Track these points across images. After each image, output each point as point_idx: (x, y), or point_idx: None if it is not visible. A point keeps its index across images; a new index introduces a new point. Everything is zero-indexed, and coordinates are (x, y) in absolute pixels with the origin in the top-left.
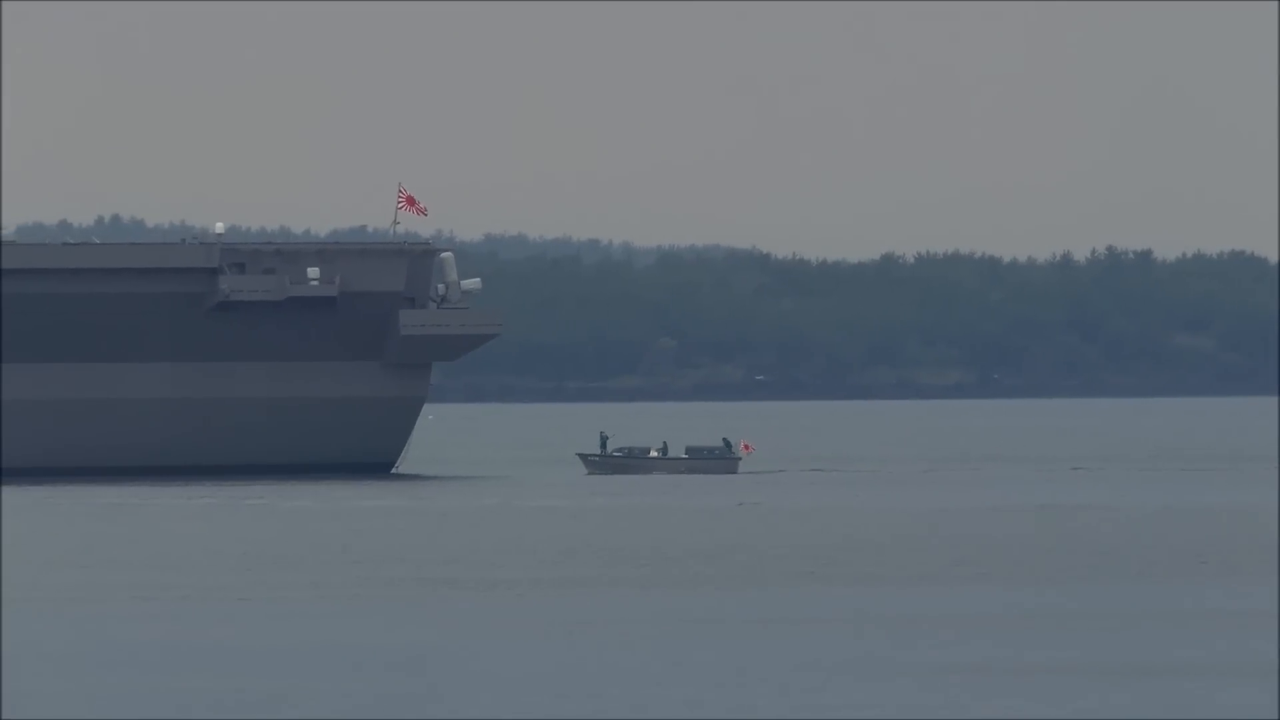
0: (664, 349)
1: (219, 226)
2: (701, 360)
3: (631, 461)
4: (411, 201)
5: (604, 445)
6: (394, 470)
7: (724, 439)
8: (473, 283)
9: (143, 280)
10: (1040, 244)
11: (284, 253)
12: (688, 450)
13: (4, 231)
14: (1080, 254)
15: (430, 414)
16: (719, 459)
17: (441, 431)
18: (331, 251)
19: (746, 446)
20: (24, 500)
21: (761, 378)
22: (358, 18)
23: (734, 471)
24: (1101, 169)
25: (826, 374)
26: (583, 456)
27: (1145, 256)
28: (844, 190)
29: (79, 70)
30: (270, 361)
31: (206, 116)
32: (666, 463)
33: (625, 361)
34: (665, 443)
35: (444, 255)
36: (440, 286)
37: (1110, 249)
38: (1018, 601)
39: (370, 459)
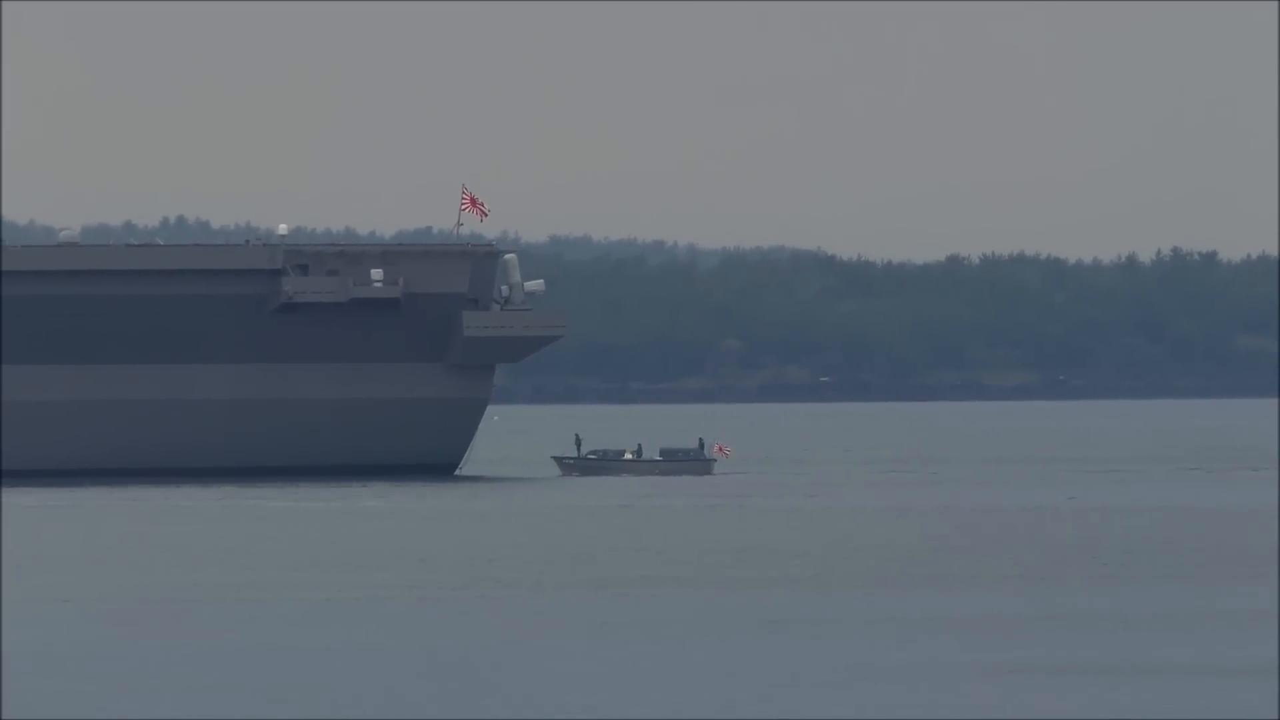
0: (728, 350)
1: (282, 228)
2: (766, 361)
3: (605, 463)
4: (474, 203)
5: (579, 447)
6: (457, 471)
7: (699, 440)
8: (536, 284)
9: (206, 282)
10: (1105, 245)
11: (347, 254)
12: (662, 452)
13: (69, 232)
14: (1145, 255)
15: (495, 415)
16: (693, 460)
17: (506, 433)
18: (395, 253)
19: (720, 448)
20: (97, 501)
21: (826, 379)
22: (428, 18)
23: (709, 473)
24: (1166, 170)
25: (891, 375)
26: (557, 459)
27: (1210, 258)
28: (909, 191)
29: (146, 71)
30: (333, 363)
31: (273, 118)
32: (640, 465)
33: (690, 363)
34: (640, 444)
35: (507, 257)
36: (504, 288)
37: (1175, 250)
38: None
39: (434, 460)
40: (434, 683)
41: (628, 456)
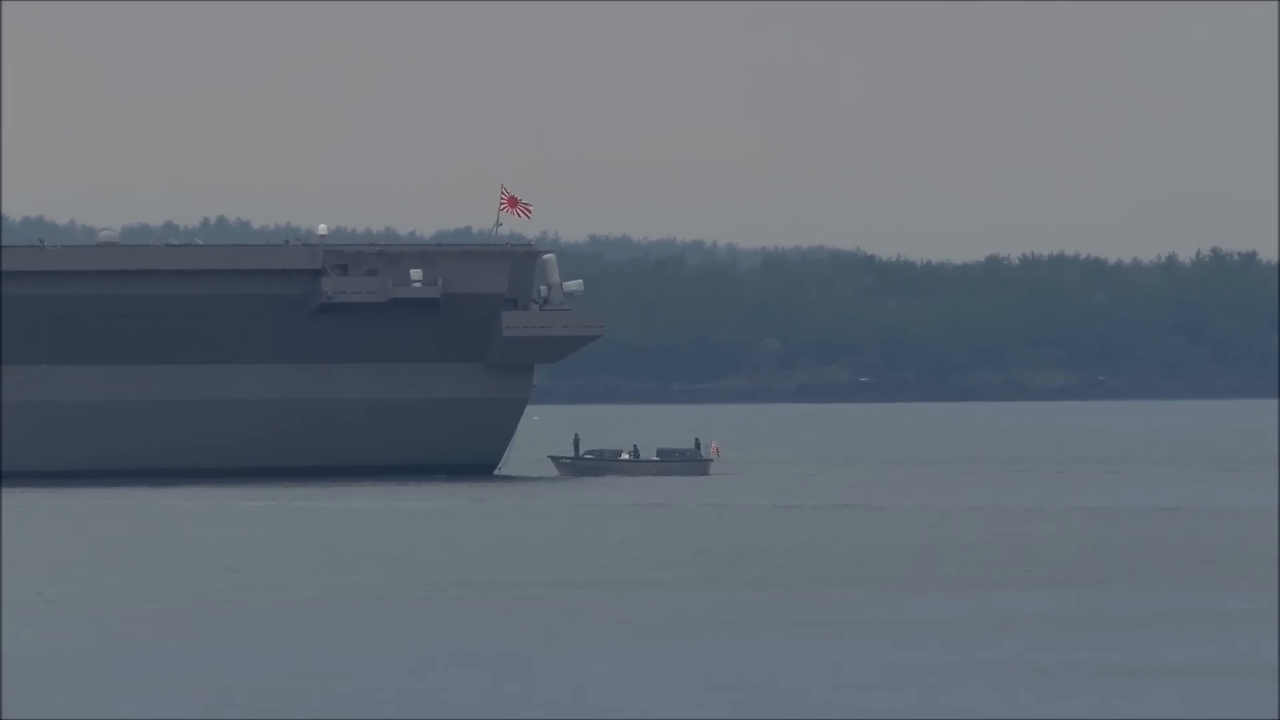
0: (768, 350)
1: (322, 228)
2: (806, 362)
3: (602, 464)
4: (513, 203)
5: (576, 447)
6: (496, 471)
7: (695, 440)
8: (575, 284)
9: (246, 282)
10: (1145, 245)
11: (387, 254)
12: (658, 452)
13: (109, 232)
14: (1185, 255)
15: (535, 415)
16: (689, 461)
17: (545, 433)
18: (434, 253)
19: (715, 449)
20: (130, 502)
21: (865, 379)
22: (469, 17)
23: (705, 473)
24: (1207, 170)
25: (930, 376)
26: (554, 459)
27: (1250, 258)
28: (948, 191)
29: (189, 71)
30: (373, 363)
31: (314, 118)
32: (637, 465)
33: (729, 363)
34: (636, 445)
35: (546, 257)
36: (543, 288)
37: (1215, 250)
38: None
39: (473, 460)
40: (462, 682)
41: (624, 457)
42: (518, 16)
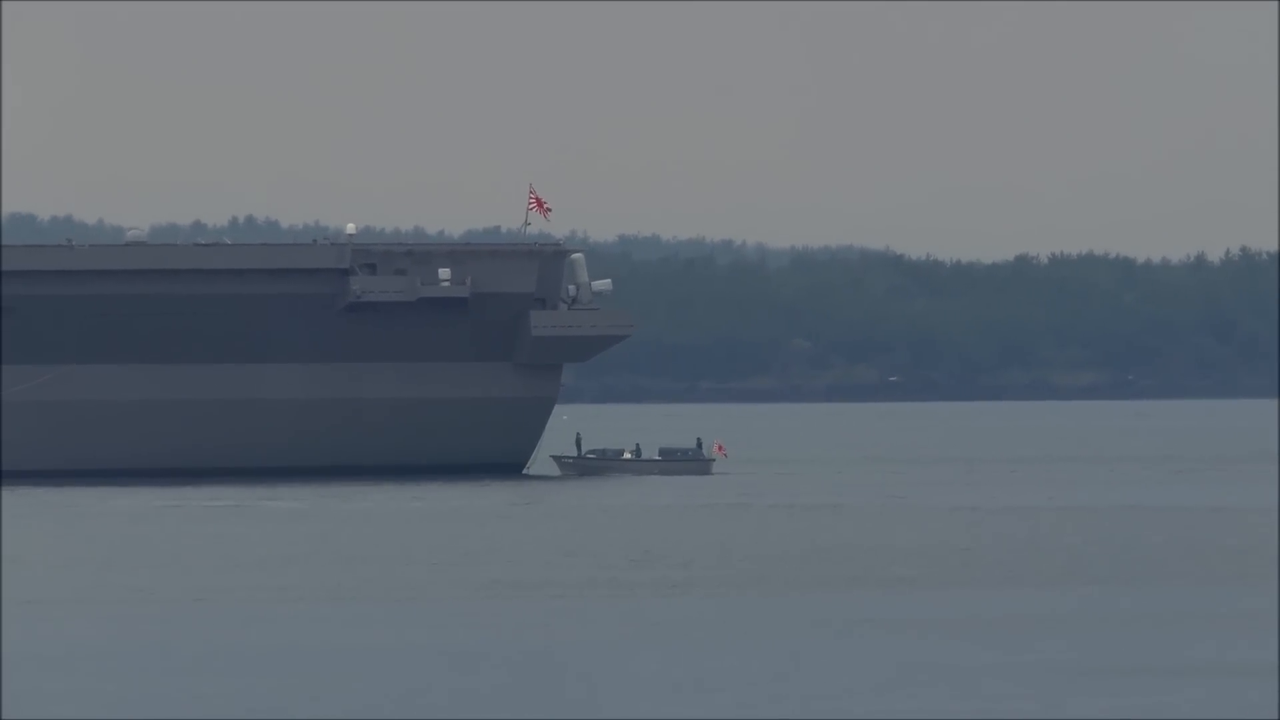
0: (797, 350)
1: (350, 227)
2: (835, 361)
3: (605, 463)
4: (540, 203)
5: (579, 447)
6: (525, 471)
7: (697, 439)
8: (603, 284)
9: (274, 281)
10: (1174, 245)
11: (415, 254)
12: (661, 452)
13: (137, 232)
14: (1214, 255)
15: (564, 415)
16: (692, 460)
17: (574, 432)
18: (462, 252)
19: (719, 448)
20: (161, 502)
21: (894, 379)
22: (498, 16)
23: (707, 473)
24: (1235, 168)
25: (959, 375)
26: (557, 458)
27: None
28: (977, 191)
29: (217, 69)
30: (401, 362)
31: (344, 117)
32: (640, 464)
33: (758, 362)
34: (638, 444)
35: (575, 256)
36: (571, 288)
37: (1244, 249)
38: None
39: (501, 460)
40: (491, 684)
41: (627, 456)
42: (548, 16)
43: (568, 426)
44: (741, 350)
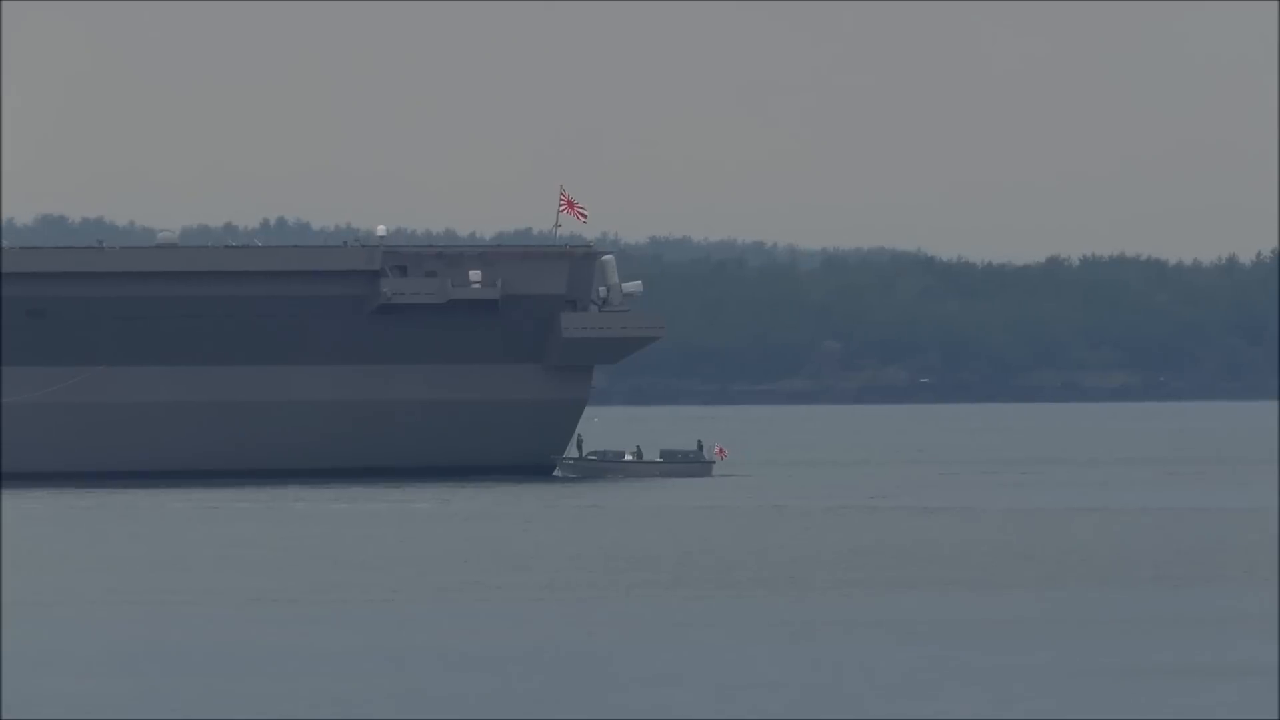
0: (829, 351)
1: (381, 229)
2: (866, 363)
3: (605, 465)
4: (571, 205)
5: (580, 448)
6: (555, 473)
7: (698, 442)
8: (634, 285)
9: (305, 283)
10: (1205, 246)
11: (445, 255)
12: (662, 454)
13: (168, 234)
14: (1245, 256)
15: (595, 417)
16: (692, 462)
17: (605, 434)
18: (493, 254)
19: (720, 451)
20: (189, 504)
21: (926, 380)
22: (528, 17)
23: (708, 475)
24: (1267, 169)
25: (991, 376)
26: (558, 460)
27: None
28: (1008, 192)
29: (250, 72)
30: (431, 364)
31: (374, 119)
32: (640, 466)
33: (789, 364)
34: (639, 446)
35: (605, 258)
36: (602, 289)
37: (1276, 251)
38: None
39: (531, 461)
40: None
41: (628, 458)
42: (581, 17)
43: (598, 429)
44: (773, 352)
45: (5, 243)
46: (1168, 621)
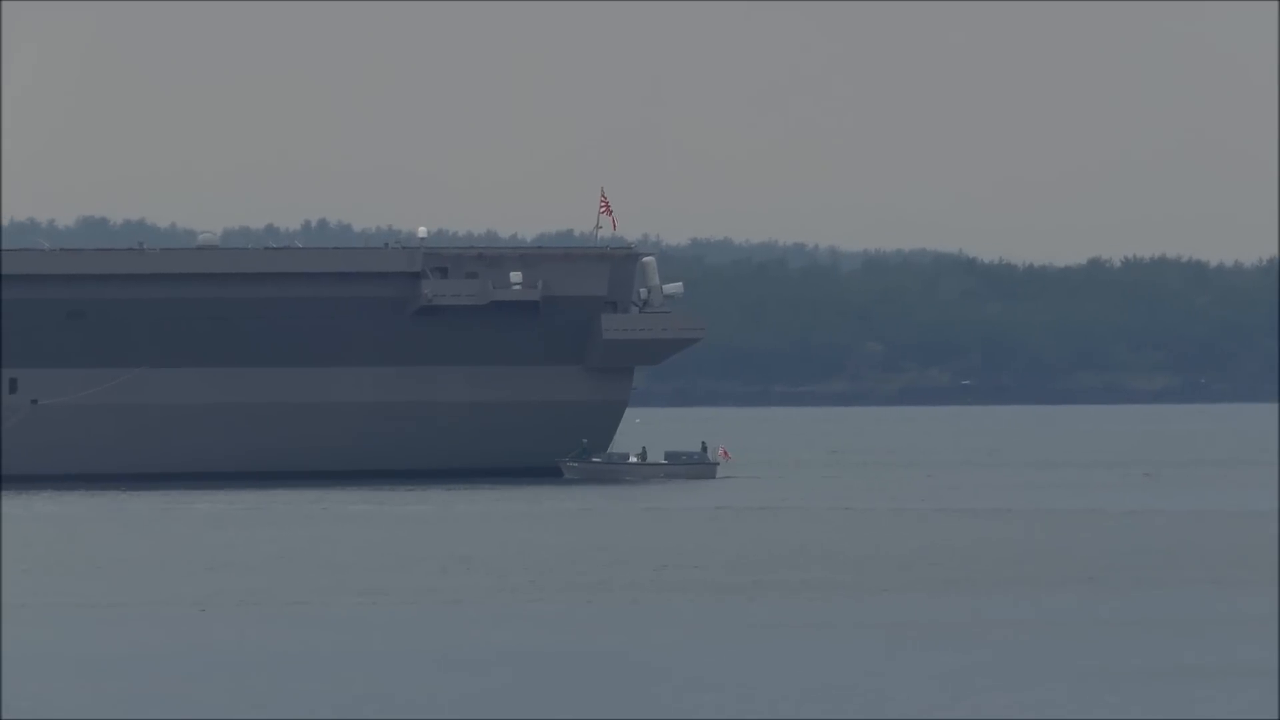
0: (870, 353)
1: (422, 231)
2: (907, 364)
3: (610, 467)
4: (608, 208)
5: (584, 451)
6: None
7: (702, 443)
8: (675, 287)
9: (345, 285)
10: (1247, 248)
11: (486, 257)
12: (666, 455)
13: (209, 235)
14: None
15: (637, 418)
16: (697, 464)
17: (646, 435)
18: (534, 256)
19: (724, 452)
20: (230, 506)
21: (967, 382)
22: (571, 18)
23: (712, 476)
24: None
25: (1032, 378)
26: (560, 462)
27: None
28: (1051, 194)
29: (289, 74)
30: (472, 366)
31: (416, 120)
32: (644, 468)
33: (831, 365)
34: (644, 448)
35: (646, 259)
36: (642, 291)
37: None
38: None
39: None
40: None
41: (632, 460)
42: (623, 16)
43: (639, 430)
44: (814, 354)
45: (46, 244)
46: (1199, 624)
